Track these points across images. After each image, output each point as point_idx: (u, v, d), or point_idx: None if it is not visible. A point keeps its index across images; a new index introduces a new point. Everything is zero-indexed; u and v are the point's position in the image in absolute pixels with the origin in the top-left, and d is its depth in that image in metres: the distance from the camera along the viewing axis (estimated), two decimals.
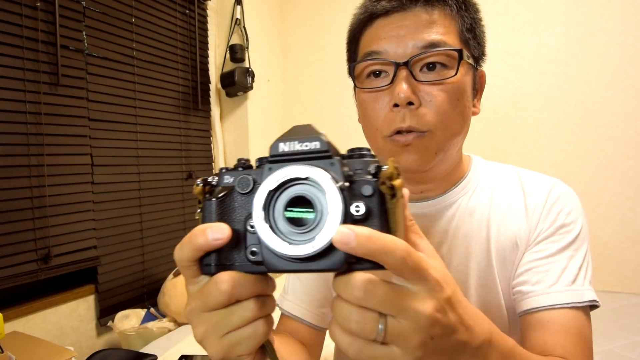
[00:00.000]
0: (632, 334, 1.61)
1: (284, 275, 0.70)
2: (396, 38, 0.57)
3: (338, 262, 0.32)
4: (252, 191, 0.35)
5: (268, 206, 0.33)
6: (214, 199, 0.35)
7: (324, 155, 0.33)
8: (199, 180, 0.36)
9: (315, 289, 0.71)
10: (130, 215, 1.94)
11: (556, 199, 0.64)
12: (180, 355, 1.44)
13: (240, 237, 0.35)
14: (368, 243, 0.29)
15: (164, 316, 1.88)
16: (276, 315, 0.47)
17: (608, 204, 2.14)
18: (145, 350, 1.55)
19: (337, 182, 0.31)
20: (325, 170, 0.32)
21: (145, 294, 2.01)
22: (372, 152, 0.35)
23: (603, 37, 2.12)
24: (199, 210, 0.37)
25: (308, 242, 0.31)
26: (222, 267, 0.35)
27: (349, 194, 0.32)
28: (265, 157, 0.36)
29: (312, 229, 0.32)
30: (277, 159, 0.34)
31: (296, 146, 0.34)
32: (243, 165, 0.37)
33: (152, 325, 1.76)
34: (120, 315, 1.79)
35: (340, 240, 0.29)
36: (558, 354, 0.54)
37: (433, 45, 0.56)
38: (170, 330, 1.78)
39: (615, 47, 2.10)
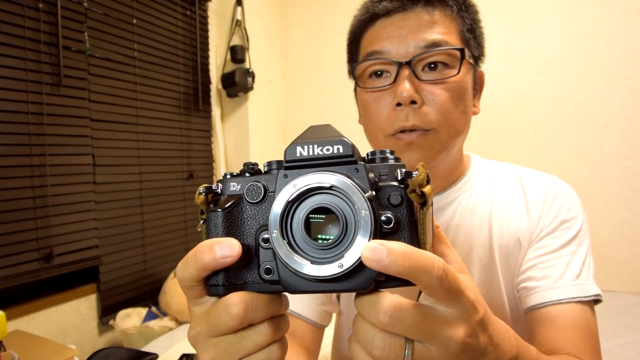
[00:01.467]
0: (630, 332, 1.62)
1: None
2: (398, 38, 0.58)
3: (365, 281, 0.28)
4: (264, 200, 0.31)
5: (285, 219, 0.29)
6: (219, 210, 0.31)
7: (349, 160, 0.29)
8: (201, 189, 0.32)
9: None
10: (131, 214, 1.95)
11: (556, 195, 0.65)
12: (181, 354, 1.45)
13: (251, 253, 0.31)
14: (403, 260, 0.26)
15: (165, 315, 1.89)
16: None
17: (606, 203, 2.15)
18: (147, 348, 1.56)
19: (365, 191, 0.28)
20: (351, 177, 0.28)
21: (147, 293, 2.02)
22: (396, 155, 0.32)
23: (601, 39, 2.13)
24: (201, 222, 0.34)
25: (334, 261, 0.28)
26: (232, 287, 0.30)
27: (376, 203, 0.29)
28: (278, 161, 0.32)
29: (337, 245, 0.28)
30: (293, 165, 0.30)
31: (316, 150, 0.30)
32: (251, 170, 0.32)
33: (154, 324, 1.77)
34: (121, 314, 1.80)
35: (370, 257, 0.26)
36: (569, 351, 0.54)
37: (435, 44, 0.56)
38: (171, 329, 1.79)
39: (613, 48, 2.11)
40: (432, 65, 0.57)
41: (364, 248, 0.26)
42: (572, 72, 2.19)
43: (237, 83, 2.34)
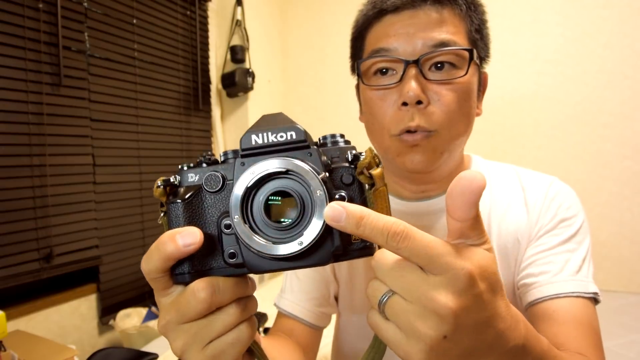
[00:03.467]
0: (630, 332, 1.62)
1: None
2: (406, 36, 0.56)
3: (325, 257, 0.31)
4: (223, 189, 0.32)
5: (246, 204, 0.30)
6: (179, 201, 0.32)
7: (302, 145, 0.31)
8: (159, 182, 0.33)
9: (314, 287, 0.71)
10: (131, 214, 1.95)
11: (555, 194, 0.65)
12: None
13: (214, 240, 0.32)
14: (358, 221, 0.28)
15: None
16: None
17: (606, 203, 2.15)
18: (147, 348, 1.56)
19: (318, 173, 0.30)
20: (305, 161, 0.30)
21: (147, 293, 2.02)
22: (347, 139, 0.33)
23: (601, 38, 2.13)
24: (162, 215, 0.34)
25: (294, 239, 0.29)
26: (198, 273, 0.32)
27: (330, 184, 0.31)
28: (234, 151, 0.33)
29: (296, 225, 0.30)
30: (249, 153, 0.31)
31: (270, 137, 0.31)
32: (208, 160, 0.33)
33: (154, 324, 1.77)
34: (121, 314, 1.79)
35: (331, 216, 0.28)
36: (572, 347, 0.52)
37: (443, 44, 0.55)
38: None
39: (613, 48, 2.11)
40: (439, 65, 0.56)
41: (326, 207, 0.28)
42: (571, 72, 2.20)
43: (237, 83, 2.34)
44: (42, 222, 1.58)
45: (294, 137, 0.31)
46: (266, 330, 1.67)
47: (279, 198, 0.30)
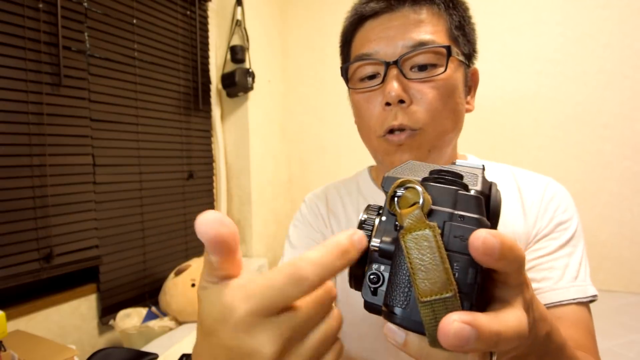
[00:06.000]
0: (630, 332, 1.62)
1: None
2: (385, 39, 0.58)
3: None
4: None
5: None
6: None
7: None
8: None
9: None
10: (131, 214, 1.95)
11: (552, 197, 0.65)
12: (181, 354, 1.45)
13: None
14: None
15: (165, 315, 1.88)
16: None
17: (606, 203, 2.15)
18: (147, 348, 1.56)
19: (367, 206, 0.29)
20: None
21: (147, 293, 2.02)
22: (465, 183, 0.27)
23: (601, 38, 2.13)
24: None
25: None
26: None
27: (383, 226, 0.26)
28: None
29: None
30: None
31: None
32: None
33: (154, 324, 1.77)
34: (121, 314, 1.79)
35: (451, 343, 0.23)
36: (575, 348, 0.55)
37: (422, 44, 0.57)
38: (171, 329, 1.79)
39: (613, 48, 2.11)
40: (422, 66, 0.58)
41: (443, 322, 0.22)
42: (572, 72, 2.19)
43: (237, 83, 2.34)
44: (42, 222, 1.58)
45: None
46: None
47: None
